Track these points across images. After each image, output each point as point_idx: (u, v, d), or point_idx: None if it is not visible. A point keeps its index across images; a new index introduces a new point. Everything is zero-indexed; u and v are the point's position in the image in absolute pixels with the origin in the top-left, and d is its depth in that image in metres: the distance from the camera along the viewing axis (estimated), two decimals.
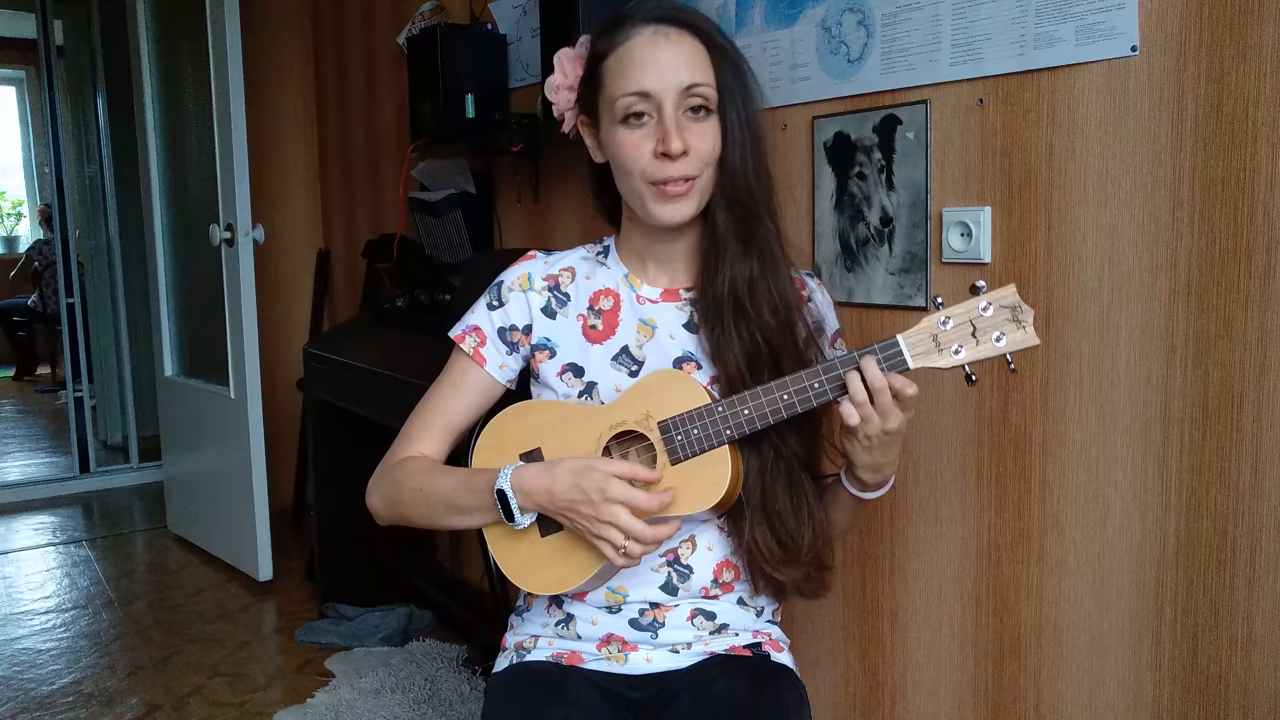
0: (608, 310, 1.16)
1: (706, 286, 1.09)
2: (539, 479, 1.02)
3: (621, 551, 0.99)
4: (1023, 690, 1.40)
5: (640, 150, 1.04)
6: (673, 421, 1.03)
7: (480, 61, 2.32)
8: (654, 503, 0.99)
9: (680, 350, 1.13)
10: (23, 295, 7.24)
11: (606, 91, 1.06)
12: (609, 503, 0.98)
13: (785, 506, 1.07)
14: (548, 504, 1.02)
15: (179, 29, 3.20)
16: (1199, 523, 1.20)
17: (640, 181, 1.05)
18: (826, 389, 0.99)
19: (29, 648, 2.56)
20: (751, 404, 1.01)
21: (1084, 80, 1.25)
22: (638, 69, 1.03)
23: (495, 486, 1.04)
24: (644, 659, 1.14)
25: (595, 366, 1.14)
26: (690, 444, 1.03)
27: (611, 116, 1.06)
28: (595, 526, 0.99)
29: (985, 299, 0.97)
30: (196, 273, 3.26)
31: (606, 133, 1.08)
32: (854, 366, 0.97)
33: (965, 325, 0.97)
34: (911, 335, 0.98)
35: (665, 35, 1.04)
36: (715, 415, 1.02)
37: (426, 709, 2.12)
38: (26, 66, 7.98)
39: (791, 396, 1.00)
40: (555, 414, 1.11)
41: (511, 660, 1.20)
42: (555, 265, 1.19)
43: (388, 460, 1.19)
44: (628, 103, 1.04)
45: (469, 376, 1.18)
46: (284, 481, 3.57)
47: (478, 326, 1.18)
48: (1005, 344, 0.96)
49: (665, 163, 1.03)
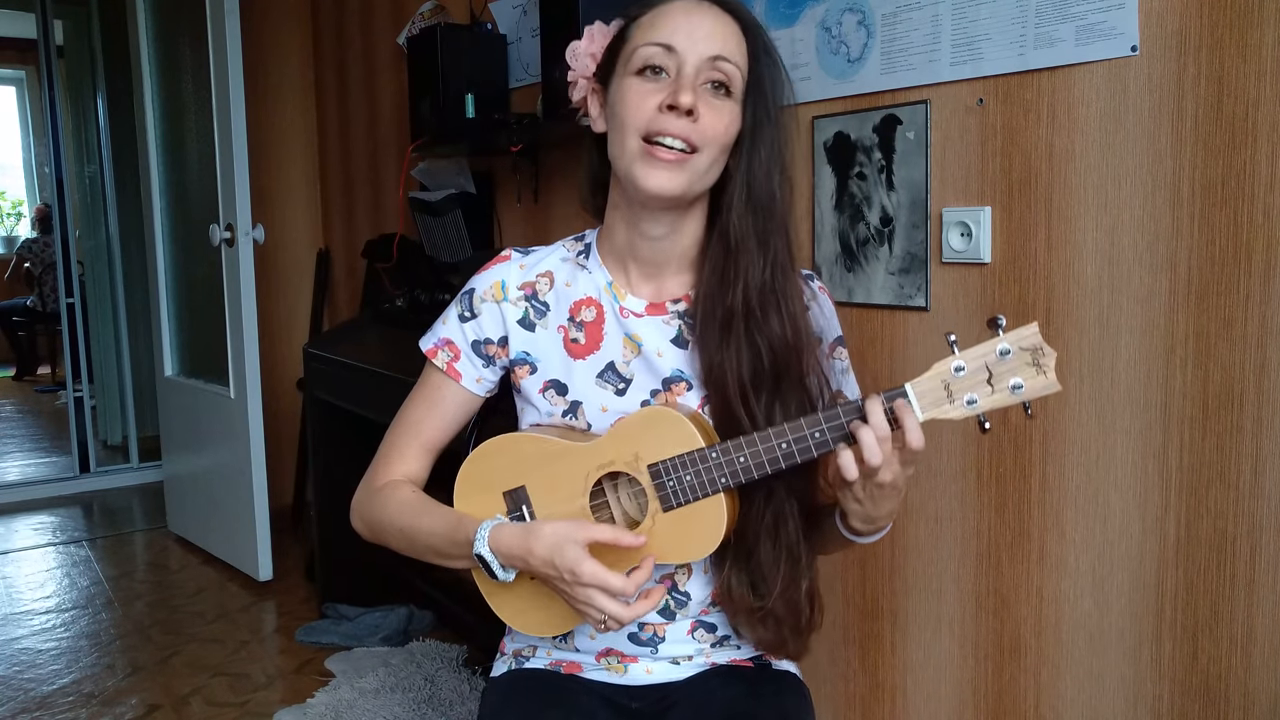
0: (590, 322, 1.09)
1: (713, 295, 1.02)
2: (517, 545, 0.98)
3: (601, 625, 0.96)
4: (1023, 690, 1.40)
5: (646, 101, 0.97)
6: (664, 466, 0.97)
7: (480, 61, 2.32)
8: (628, 586, 0.93)
9: (670, 369, 1.07)
10: (23, 295, 7.24)
11: (629, 44, 1.01)
12: (582, 586, 0.94)
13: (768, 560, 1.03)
14: (525, 570, 1.00)
15: (179, 29, 3.20)
16: (1199, 523, 1.20)
17: (635, 137, 0.98)
18: (828, 438, 0.93)
19: (29, 648, 2.56)
20: (748, 451, 0.95)
21: (1084, 80, 1.25)
22: (668, 25, 0.99)
23: (475, 551, 1.00)
24: (644, 670, 1.12)
25: (579, 384, 1.09)
26: (683, 491, 0.97)
27: (626, 68, 1.00)
28: (573, 602, 0.97)
29: (1004, 342, 0.88)
30: (196, 273, 3.26)
31: (616, 87, 1.01)
32: (858, 416, 0.91)
33: (980, 371, 0.89)
34: (921, 383, 0.90)
35: (709, 8, 1.00)
36: (709, 462, 0.96)
37: (426, 709, 2.12)
38: (26, 66, 7.99)
39: (790, 446, 0.94)
40: (541, 450, 1.05)
41: (510, 666, 1.18)
42: (532, 270, 1.12)
43: (369, 482, 1.15)
44: (649, 52, 0.98)
45: (444, 393, 1.13)
46: (284, 481, 3.57)
47: (450, 340, 1.12)
48: (1024, 393, 0.88)
49: (669, 116, 0.96)
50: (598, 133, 1.07)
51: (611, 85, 1.03)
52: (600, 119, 1.07)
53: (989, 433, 1.00)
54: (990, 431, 1.39)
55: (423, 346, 1.14)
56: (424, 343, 1.14)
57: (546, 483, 1.04)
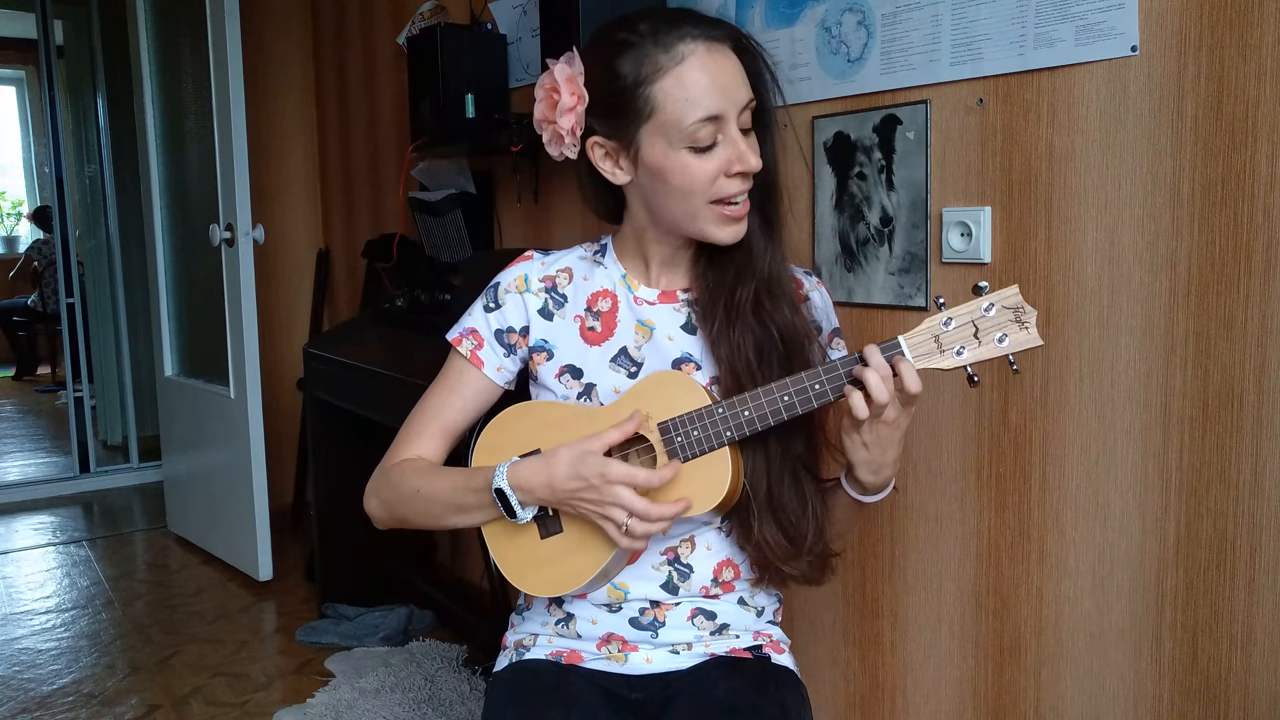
0: (606, 311, 1.15)
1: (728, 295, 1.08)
2: (537, 474, 1.02)
3: (624, 530, 0.98)
4: (1023, 690, 1.40)
5: (707, 170, 1.02)
6: (673, 423, 1.03)
7: (480, 61, 2.32)
8: (655, 479, 0.98)
9: (679, 351, 1.13)
10: (23, 295, 7.25)
11: (666, 116, 1.00)
12: (610, 484, 0.97)
13: (791, 501, 1.07)
14: (549, 497, 1.02)
15: (179, 29, 3.20)
16: (1199, 523, 1.20)
17: (702, 203, 1.03)
18: (828, 389, 0.99)
19: (29, 648, 2.56)
20: (752, 405, 1.00)
21: (1084, 80, 1.25)
22: (703, 92, 0.99)
23: (493, 485, 1.03)
24: (644, 659, 1.14)
25: (594, 368, 1.14)
26: (691, 445, 1.02)
27: (670, 141, 1.01)
28: (600, 508, 0.99)
29: (988, 299, 0.96)
30: (196, 273, 3.26)
31: (661, 157, 1.02)
32: (858, 364, 0.97)
33: (968, 326, 0.97)
34: (913, 336, 0.98)
35: (719, 50, 1.01)
36: (715, 416, 1.01)
37: (426, 709, 2.12)
38: (26, 66, 7.99)
39: (792, 397, 0.99)
40: (554, 415, 1.11)
41: (511, 659, 1.20)
42: (552, 266, 1.18)
43: (385, 463, 1.18)
44: (702, 130, 1.00)
45: (466, 379, 1.18)
46: (284, 481, 3.57)
47: (474, 329, 1.17)
48: (1008, 345, 0.96)
49: (735, 180, 1.03)
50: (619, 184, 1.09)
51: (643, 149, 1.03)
52: (620, 173, 1.08)
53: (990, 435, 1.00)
54: (990, 432, 1.40)
55: (448, 337, 1.19)
56: (450, 333, 1.19)
57: None
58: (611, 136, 1.05)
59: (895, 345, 0.97)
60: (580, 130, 1.06)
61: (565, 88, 1.04)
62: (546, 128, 1.08)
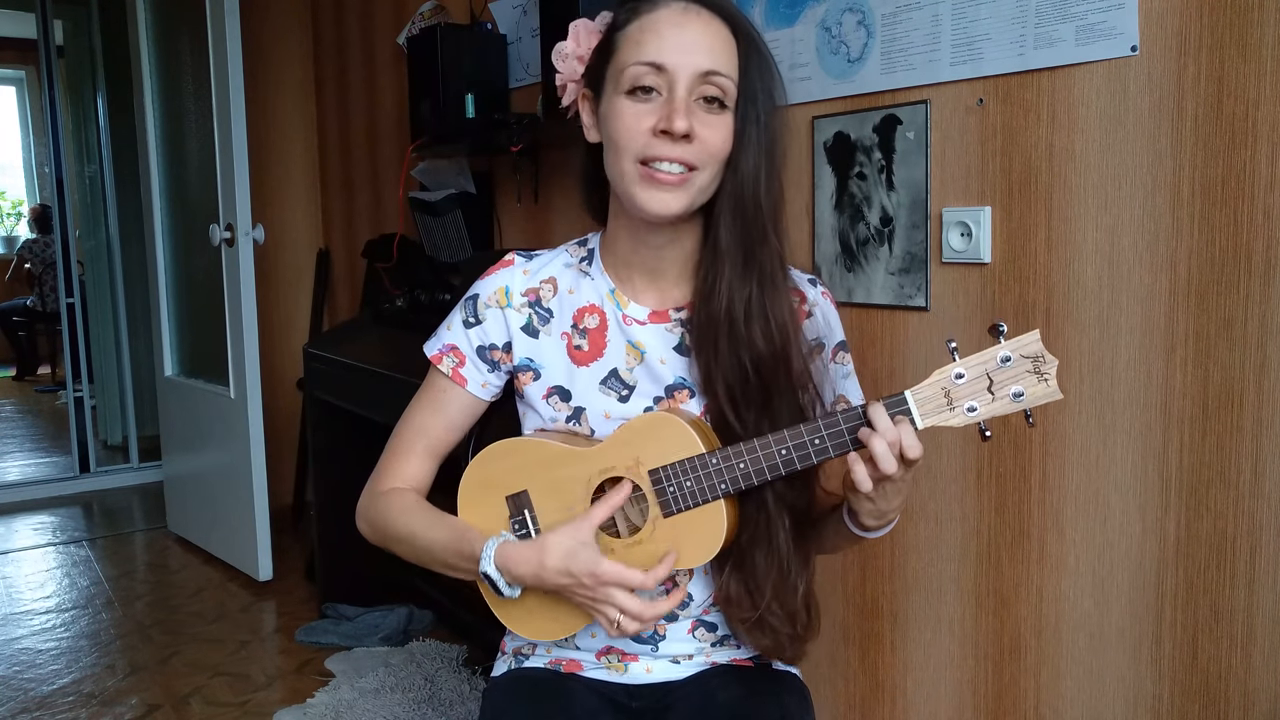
0: (594, 329, 1.09)
1: (701, 305, 1.01)
2: (526, 562, 0.98)
3: (616, 625, 0.97)
4: (1023, 690, 1.40)
5: (639, 124, 0.95)
6: (664, 472, 0.98)
7: (480, 61, 2.32)
8: (649, 581, 0.95)
9: (673, 377, 1.07)
10: (23, 296, 7.24)
11: (617, 58, 0.98)
12: (603, 586, 0.95)
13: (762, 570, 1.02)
14: (537, 586, 1.00)
15: (179, 29, 3.20)
16: (1199, 523, 1.20)
17: (631, 161, 0.96)
18: (828, 445, 0.93)
19: (29, 648, 2.56)
20: (748, 458, 0.95)
21: (1084, 80, 1.25)
22: (656, 40, 0.95)
23: (480, 570, 1.00)
24: (644, 669, 1.12)
25: (582, 390, 1.09)
26: (684, 497, 0.98)
27: (616, 86, 0.97)
28: (593, 605, 0.97)
29: (1005, 349, 0.88)
30: (196, 273, 3.26)
31: (608, 103, 0.99)
32: (861, 423, 0.91)
33: (981, 379, 0.88)
34: (921, 391, 0.90)
35: (696, 14, 0.96)
36: (710, 468, 0.96)
37: (426, 709, 2.12)
38: (26, 66, 7.99)
39: (790, 452, 0.94)
40: (543, 455, 1.05)
41: (510, 665, 1.18)
42: (535, 276, 1.11)
43: (373, 486, 1.14)
44: (637, 72, 0.95)
45: (450, 396, 1.12)
46: (284, 481, 3.57)
47: (455, 346, 1.12)
48: (1025, 400, 0.88)
49: (664, 141, 0.94)
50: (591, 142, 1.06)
51: (602, 99, 1.01)
52: (594, 129, 1.05)
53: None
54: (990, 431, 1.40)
55: (427, 352, 1.13)
56: (428, 348, 1.13)
57: (548, 487, 1.04)
58: (591, 86, 1.04)
59: (901, 402, 0.91)
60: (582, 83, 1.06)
61: (573, 37, 1.05)
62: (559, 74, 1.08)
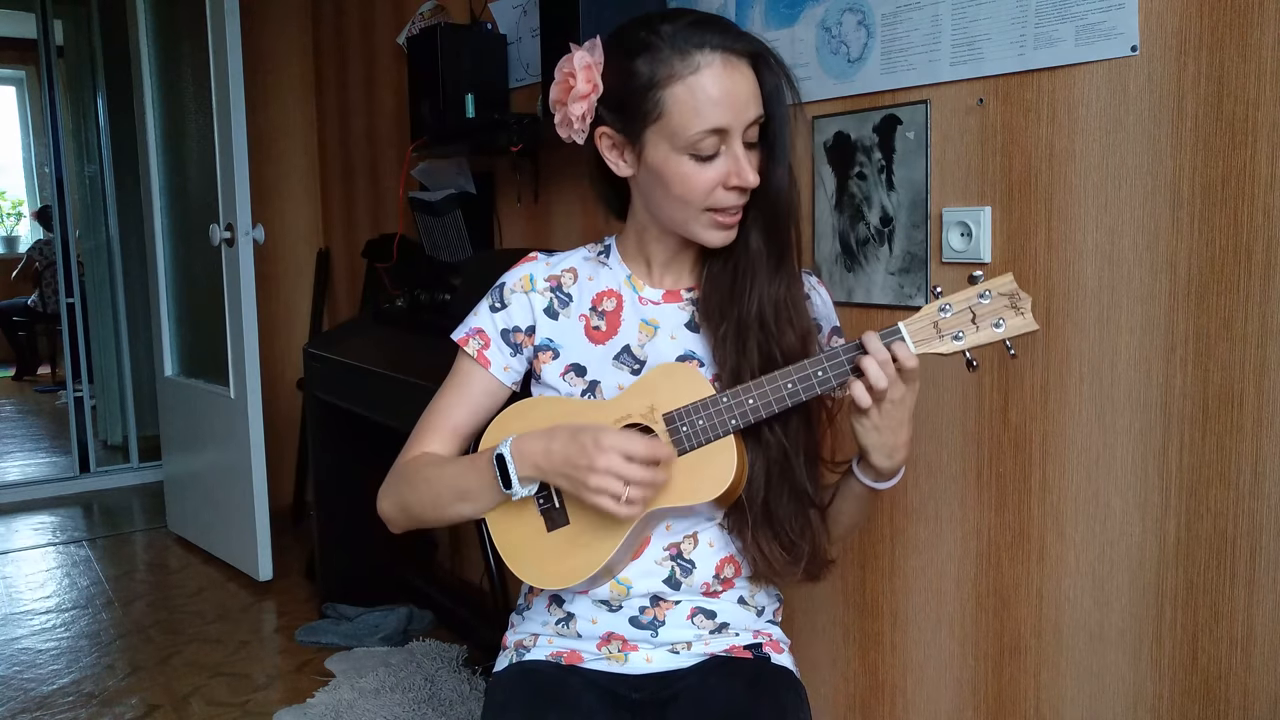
0: (610, 311, 1.16)
1: (731, 306, 1.09)
2: (538, 440, 1.03)
3: (622, 500, 0.98)
4: (1023, 690, 1.41)
5: (704, 179, 1.03)
6: (678, 413, 1.04)
7: (480, 61, 2.32)
8: (649, 449, 0.98)
9: (682, 349, 1.14)
10: (23, 295, 7.24)
11: (672, 122, 1.02)
12: (602, 450, 0.97)
13: (788, 511, 1.08)
14: (545, 463, 1.02)
15: (179, 29, 3.20)
16: (1199, 523, 1.20)
17: (697, 210, 1.05)
18: (830, 376, 1.01)
19: (29, 648, 2.56)
20: (756, 393, 1.02)
21: (1084, 80, 1.25)
22: (712, 105, 1.00)
23: (495, 452, 1.04)
24: (644, 659, 1.14)
25: (597, 366, 1.15)
26: (695, 434, 1.04)
27: (673, 145, 1.03)
28: (591, 479, 0.98)
29: (983, 287, 0.99)
30: (196, 273, 3.25)
31: (660, 157, 1.04)
32: (859, 351, 0.99)
33: (965, 313, 1.00)
34: (913, 322, 1.00)
35: (735, 66, 1.01)
36: (720, 405, 1.03)
37: (426, 709, 2.12)
38: (26, 66, 7.99)
39: (796, 385, 1.01)
40: (560, 409, 1.11)
41: (511, 659, 1.20)
42: (557, 266, 1.19)
43: (397, 463, 1.19)
44: (704, 141, 1.01)
45: (473, 379, 1.18)
46: (284, 481, 3.57)
47: (481, 329, 1.18)
48: (1004, 329, 0.99)
49: (734, 194, 1.04)
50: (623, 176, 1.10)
51: (645, 148, 1.05)
52: (623, 165, 1.09)
53: (990, 435, 1.00)
54: (990, 432, 1.40)
55: (454, 336, 1.20)
56: (456, 333, 1.20)
57: None
58: (620, 131, 1.07)
59: (896, 331, 1.00)
60: (590, 118, 1.07)
61: (581, 75, 1.05)
62: (559, 110, 1.09)
